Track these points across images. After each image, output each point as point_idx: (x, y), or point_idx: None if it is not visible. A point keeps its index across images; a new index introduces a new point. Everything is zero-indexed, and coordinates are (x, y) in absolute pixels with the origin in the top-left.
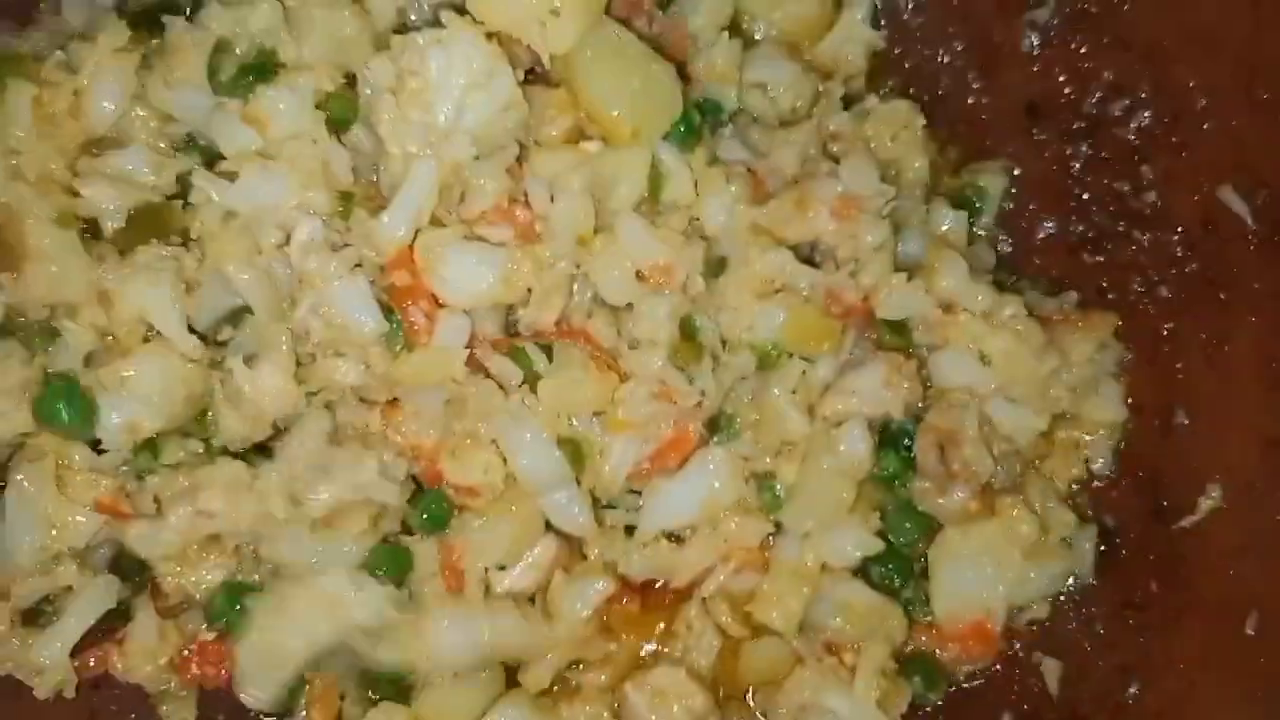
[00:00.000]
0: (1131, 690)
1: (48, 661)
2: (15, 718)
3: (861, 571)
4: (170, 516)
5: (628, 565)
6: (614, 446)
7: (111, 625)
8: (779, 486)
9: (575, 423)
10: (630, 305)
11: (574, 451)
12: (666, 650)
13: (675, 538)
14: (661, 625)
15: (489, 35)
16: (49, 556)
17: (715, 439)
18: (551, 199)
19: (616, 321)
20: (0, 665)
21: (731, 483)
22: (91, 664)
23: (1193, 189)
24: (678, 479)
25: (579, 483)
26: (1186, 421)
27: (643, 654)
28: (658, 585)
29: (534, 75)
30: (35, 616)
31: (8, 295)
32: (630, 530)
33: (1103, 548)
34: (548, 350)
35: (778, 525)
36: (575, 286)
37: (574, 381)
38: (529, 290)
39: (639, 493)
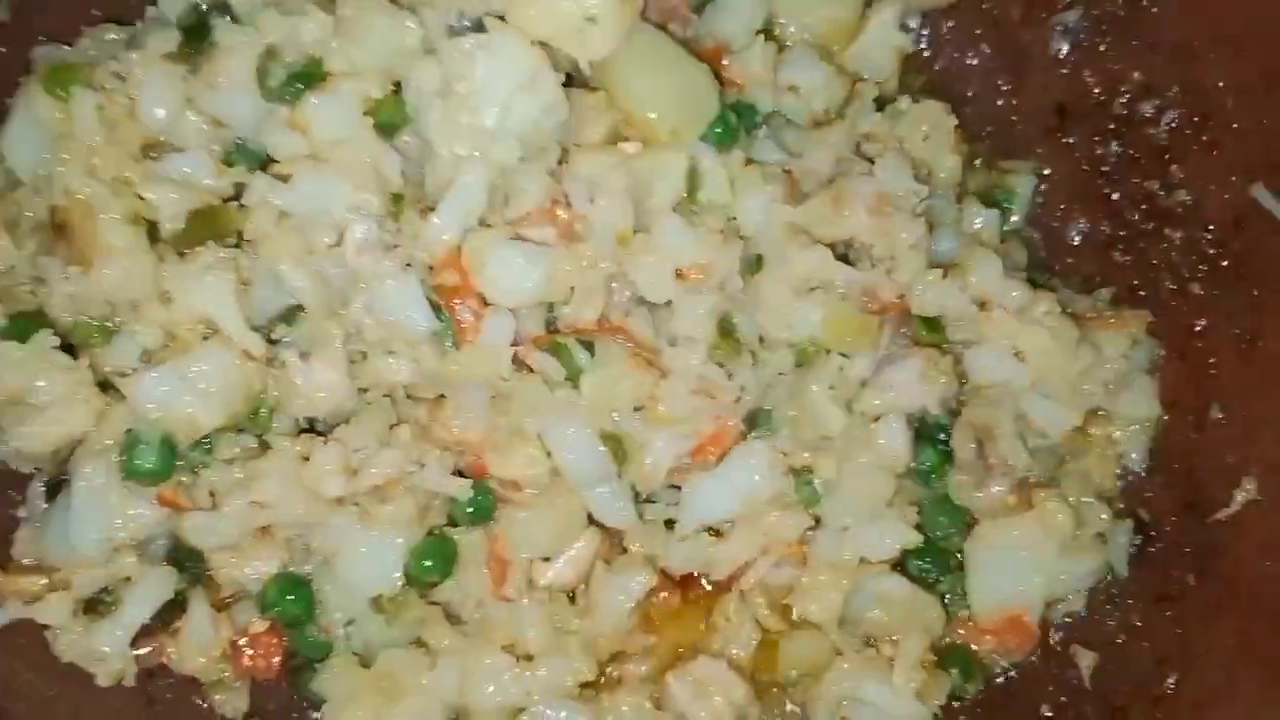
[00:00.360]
0: (1169, 682)
1: (109, 650)
2: (76, 705)
3: (899, 565)
4: (225, 508)
5: (668, 559)
6: (655, 442)
7: (165, 617)
8: (817, 481)
9: (617, 418)
10: (669, 303)
11: (616, 447)
12: (706, 642)
13: (715, 531)
14: (702, 625)
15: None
16: (111, 548)
17: (754, 434)
18: (592, 200)
19: (654, 319)
20: (63, 653)
21: (770, 477)
22: (146, 653)
23: (1224, 187)
24: (717, 474)
25: (620, 477)
26: (1220, 417)
27: (682, 647)
28: (697, 577)
29: (573, 78)
30: (94, 606)
31: (74, 286)
32: (670, 524)
33: (1138, 541)
34: (589, 347)
35: (816, 519)
36: (614, 285)
37: (615, 377)
38: (571, 289)
39: (678, 487)
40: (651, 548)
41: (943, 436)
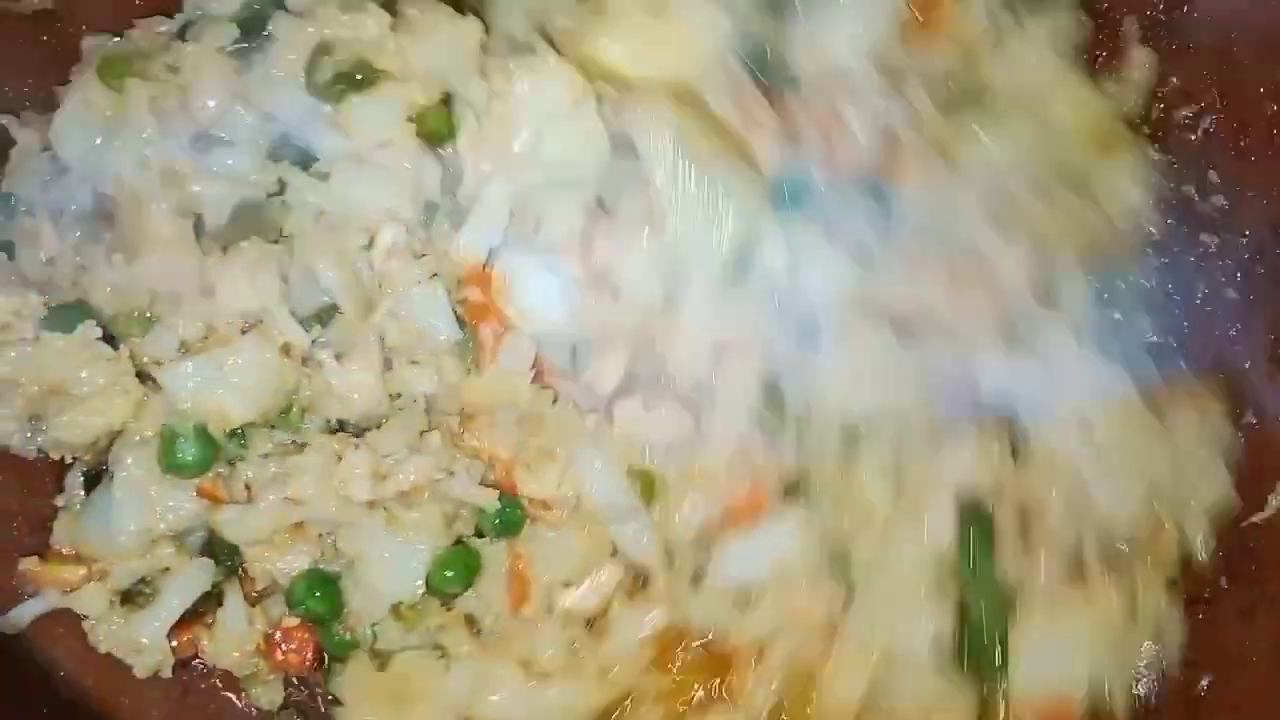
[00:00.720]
0: (1203, 684)
1: (146, 641)
2: (114, 695)
3: (934, 645)
4: (260, 502)
5: (690, 612)
6: (687, 499)
7: (199, 609)
8: (854, 556)
9: (649, 453)
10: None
11: (646, 483)
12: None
13: (742, 596)
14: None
15: (579, 69)
16: (150, 539)
17: (792, 502)
18: (622, 270)
19: None
20: (100, 644)
21: (804, 548)
22: (179, 644)
23: (1261, 193)
24: (750, 538)
25: (648, 513)
26: (1254, 422)
27: (695, 698)
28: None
29: None
30: (132, 597)
31: (119, 275)
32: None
33: None
34: None
35: (849, 594)
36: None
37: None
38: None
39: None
40: (676, 592)
41: (988, 513)
